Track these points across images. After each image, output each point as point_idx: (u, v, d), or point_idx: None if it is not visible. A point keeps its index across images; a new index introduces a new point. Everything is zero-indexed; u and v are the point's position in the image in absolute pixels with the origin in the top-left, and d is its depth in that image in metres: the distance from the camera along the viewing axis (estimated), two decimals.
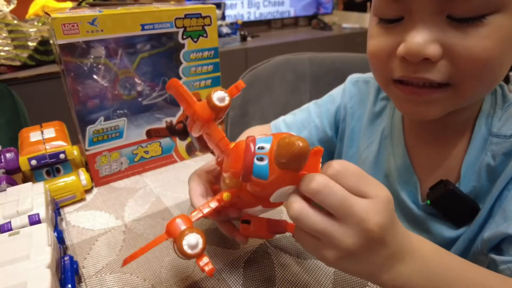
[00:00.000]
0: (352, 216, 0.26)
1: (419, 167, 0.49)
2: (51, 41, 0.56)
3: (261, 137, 0.29)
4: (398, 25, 0.38)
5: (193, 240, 0.28)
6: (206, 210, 0.32)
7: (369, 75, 0.59)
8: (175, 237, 0.29)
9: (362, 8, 2.76)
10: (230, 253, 0.42)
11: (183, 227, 0.29)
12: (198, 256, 0.29)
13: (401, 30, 0.37)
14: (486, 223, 0.42)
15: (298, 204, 0.27)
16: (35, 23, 1.51)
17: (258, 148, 0.28)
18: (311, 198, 0.27)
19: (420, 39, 0.35)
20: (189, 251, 0.28)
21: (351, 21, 2.66)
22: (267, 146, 0.28)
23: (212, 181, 0.43)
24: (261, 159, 0.27)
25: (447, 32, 0.35)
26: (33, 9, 1.63)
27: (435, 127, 0.46)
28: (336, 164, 0.27)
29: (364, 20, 2.70)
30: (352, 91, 0.59)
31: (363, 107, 0.58)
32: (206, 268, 0.28)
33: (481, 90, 0.40)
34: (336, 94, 0.62)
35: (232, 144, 0.34)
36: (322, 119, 0.61)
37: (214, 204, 0.33)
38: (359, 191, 0.27)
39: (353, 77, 0.61)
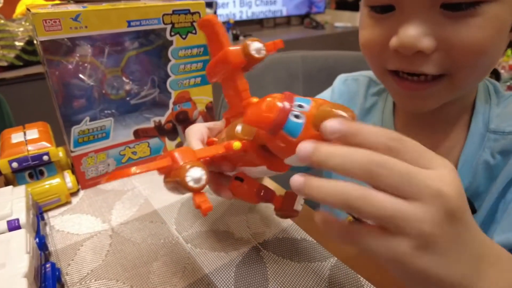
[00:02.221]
0: (427, 187, 0.20)
1: None
2: (34, 40, 0.54)
3: (299, 96, 0.27)
4: (390, 15, 0.37)
5: (197, 174, 0.26)
6: (211, 152, 0.31)
7: (358, 73, 0.60)
8: (178, 168, 0.27)
9: (354, 7, 2.77)
10: (221, 257, 0.40)
11: (187, 159, 0.27)
12: (198, 191, 0.27)
13: (393, 22, 0.37)
14: (490, 227, 0.41)
15: (357, 187, 0.21)
16: (22, 23, 1.48)
17: (297, 105, 0.26)
18: (369, 179, 0.21)
19: (413, 31, 0.34)
20: (191, 183, 0.26)
21: (343, 20, 2.67)
22: (306, 106, 0.26)
23: (209, 137, 0.41)
24: (297, 117, 0.26)
25: (441, 24, 0.34)
26: (20, 9, 1.60)
27: (427, 119, 0.46)
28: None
29: (356, 19, 2.70)
30: (341, 89, 0.59)
31: (353, 104, 0.57)
32: (203, 206, 0.26)
33: (475, 79, 0.40)
34: (326, 94, 0.62)
35: (255, 99, 0.33)
36: None
37: (221, 149, 0.31)
38: (420, 164, 0.22)
39: (341, 76, 0.61)
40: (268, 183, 0.53)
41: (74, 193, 0.53)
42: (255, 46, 0.31)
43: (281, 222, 0.46)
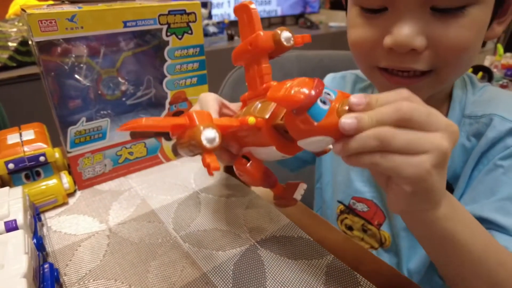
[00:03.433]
0: (440, 122, 0.26)
1: None
2: (29, 41, 0.54)
3: (327, 87, 0.29)
4: (382, 15, 0.39)
5: (211, 134, 0.27)
6: (225, 122, 0.31)
7: (345, 72, 0.63)
8: (194, 126, 0.28)
9: None
10: (219, 255, 0.41)
11: (203, 121, 0.28)
12: (211, 151, 0.28)
13: (386, 21, 0.38)
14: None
15: (386, 127, 0.25)
16: (16, 23, 1.47)
17: (326, 93, 0.28)
18: (402, 120, 0.26)
19: (407, 31, 0.36)
20: (205, 142, 0.27)
21: (337, 20, 2.68)
22: (333, 95, 0.28)
23: (222, 110, 0.42)
24: (323, 102, 0.27)
25: (431, 24, 0.36)
26: (13, 9, 1.59)
27: None
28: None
29: None
30: (330, 86, 0.61)
31: None
32: (212, 165, 0.27)
33: (458, 74, 0.43)
34: None
35: (274, 83, 0.34)
36: None
37: (235, 122, 0.32)
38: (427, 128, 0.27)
39: (330, 74, 0.64)
40: None
41: (71, 194, 0.53)
42: (285, 34, 0.33)
43: (279, 220, 0.46)
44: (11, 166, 0.46)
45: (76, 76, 0.50)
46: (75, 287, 0.37)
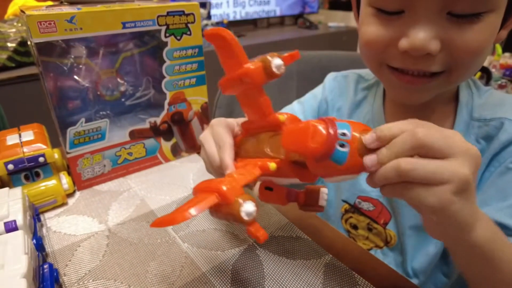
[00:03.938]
0: (458, 147, 0.26)
1: None
2: (28, 42, 0.54)
3: (337, 121, 0.29)
4: (398, 17, 0.39)
5: (250, 208, 0.28)
6: (250, 178, 0.32)
7: (347, 71, 0.62)
8: (231, 203, 0.28)
9: (347, 7, 2.78)
10: (218, 256, 0.41)
11: (235, 193, 0.29)
12: (252, 222, 0.28)
13: (402, 24, 0.39)
14: None
15: (405, 159, 0.26)
16: (14, 24, 1.47)
17: (341, 134, 0.28)
18: (419, 147, 0.26)
19: (423, 35, 0.37)
20: (245, 218, 0.28)
21: (336, 20, 2.68)
22: (348, 133, 0.28)
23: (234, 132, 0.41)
24: (342, 145, 0.27)
25: (446, 28, 0.37)
26: (11, 10, 1.59)
27: (416, 111, 0.48)
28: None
29: (349, 19, 2.72)
30: (332, 85, 0.62)
31: (343, 99, 0.60)
32: (260, 235, 0.28)
33: (468, 76, 0.44)
34: (317, 91, 0.64)
35: (281, 117, 0.33)
36: (306, 115, 0.62)
37: (257, 172, 0.32)
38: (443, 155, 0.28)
39: (332, 74, 0.64)
40: None
41: (70, 194, 0.53)
42: (276, 63, 0.31)
43: (277, 221, 0.47)
44: (10, 167, 0.46)
45: (75, 77, 0.50)
46: (74, 287, 0.37)
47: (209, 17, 2.18)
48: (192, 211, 0.27)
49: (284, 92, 0.87)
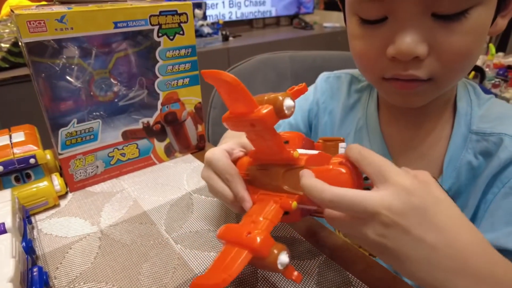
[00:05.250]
0: (389, 178, 0.27)
1: (396, 154, 0.50)
2: (19, 42, 0.53)
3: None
4: (382, 25, 0.38)
5: (285, 259, 0.29)
6: (275, 221, 0.33)
7: (340, 71, 0.61)
8: (267, 256, 0.29)
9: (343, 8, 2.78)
10: (211, 257, 0.40)
11: (268, 245, 0.30)
12: (286, 268, 0.30)
13: (387, 31, 0.38)
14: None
15: (331, 190, 0.28)
16: (8, 24, 1.46)
17: (365, 178, 0.30)
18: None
19: (409, 39, 0.36)
20: (281, 268, 0.29)
21: (332, 20, 2.68)
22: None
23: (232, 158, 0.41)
24: (367, 189, 0.29)
25: (433, 30, 0.36)
26: (5, 10, 1.57)
27: (410, 115, 0.48)
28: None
29: None
30: (323, 87, 0.60)
31: (336, 101, 0.58)
32: (295, 277, 0.30)
33: (458, 79, 0.43)
34: (309, 92, 0.62)
35: (296, 153, 0.33)
36: (296, 117, 0.62)
37: (280, 212, 0.33)
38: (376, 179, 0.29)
39: (324, 74, 0.62)
40: None
41: (62, 196, 0.53)
42: (288, 104, 0.31)
43: None
44: (0, 168, 0.45)
45: (68, 77, 0.49)
46: None
47: (204, 17, 2.17)
48: (233, 274, 0.28)
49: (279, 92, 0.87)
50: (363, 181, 0.31)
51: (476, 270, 0.26)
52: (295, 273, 0.30)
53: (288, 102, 0.31)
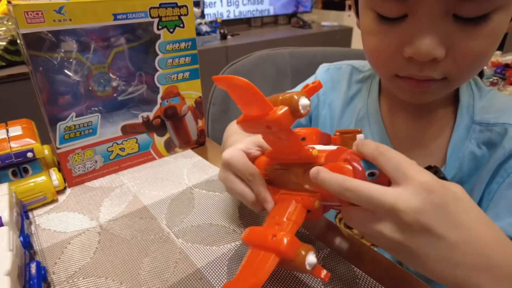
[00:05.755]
0: (409, 175, 0.26)
1: (397, 144, 0.50)
2: (17, 40, 0.52)
3: (363, 160, 0.30)
4: (401, 23, 0.37)
5: (313, 260, 0.29)
6: (300, 222, 0.33)
7: (340, 62, 0.60)
8: (294, 258, 0.29)
9: (340, 7, 2.79)
10: (213, 251, 0.40)
11: (294, 247, 0.30)
12: (314, 268, 0.30)
13: (406, 29, 0.37)
14: None
15: (352, 180, 0.28)
16: (5, 22, 1.44)
17: (368, 174, 0.30)
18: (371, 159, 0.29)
19: (429, 41, 0.35)
20: (309, 268, 0.29)
21: (330, 19, 2.69)
22: (376, 172, 0.30)
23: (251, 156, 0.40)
24: (372, 174, 0.29)
25: (452, 33, 0.35)
26: (2, 8, 1.56)
27: (411, 107, 0.47)
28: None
29: (342, 18, 2.73)
30: (324, 78, 0.60)
31: (336, 92, 0.58)
32: (323, 276, 0.30)
33: (471, 77, 0.44)
34: (309, 82, 0.62)
35: (315, 152, 0.33)
36: None
37: (304, 212, 0.33)
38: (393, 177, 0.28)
39: (324, 65, 0.62)
40: None
41: (61, 191, 0.52)
42: (303, 104, 0.30)
43: None
44: None
45: (66, 71, 0.49)
46: (63, 285, 0.36)
47: (202, 16, 2.17)
48: (262, 279, 0.28)
49: (279, 89, 0.86)
50: (366, 178, 0.30)
51: (498, 266, 0.26)
52: (324, 272, 0.30)
53: (303, 101, 0.30)
